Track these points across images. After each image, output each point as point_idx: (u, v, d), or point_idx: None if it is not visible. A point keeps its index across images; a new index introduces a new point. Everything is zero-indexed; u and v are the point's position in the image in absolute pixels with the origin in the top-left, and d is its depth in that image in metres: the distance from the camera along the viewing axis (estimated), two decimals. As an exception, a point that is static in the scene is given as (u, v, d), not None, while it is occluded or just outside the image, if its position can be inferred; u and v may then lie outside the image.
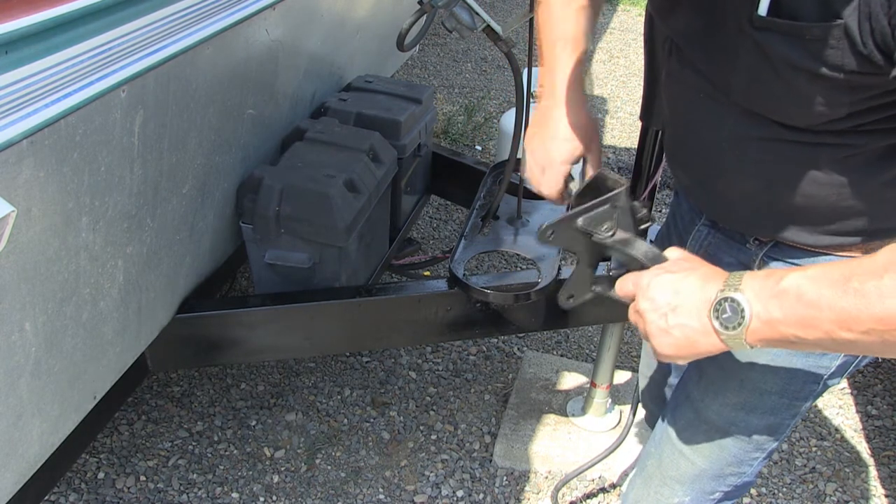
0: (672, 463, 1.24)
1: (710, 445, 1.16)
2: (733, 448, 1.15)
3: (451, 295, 1.74)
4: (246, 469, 2.13)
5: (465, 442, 2.24)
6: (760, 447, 1.16)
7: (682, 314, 0.80)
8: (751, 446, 1.15)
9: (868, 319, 0.67)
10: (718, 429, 1.15)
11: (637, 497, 1.33)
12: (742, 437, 1.14)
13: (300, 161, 1.80)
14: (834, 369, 1.07)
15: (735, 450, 1.16)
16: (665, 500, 1.26)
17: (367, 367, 2.50)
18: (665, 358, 0.83)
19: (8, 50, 0.97)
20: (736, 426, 1.14)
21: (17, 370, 1.14)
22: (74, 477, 2.07)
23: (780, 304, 0.73)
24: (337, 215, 1.68)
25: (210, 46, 1.42)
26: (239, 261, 1.97)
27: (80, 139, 1.12)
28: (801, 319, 0.71)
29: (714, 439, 1.15)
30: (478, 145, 3.88)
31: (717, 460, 1.18)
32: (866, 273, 0.68)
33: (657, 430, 1.29)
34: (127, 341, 1.45)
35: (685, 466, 1.21)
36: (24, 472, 1.25)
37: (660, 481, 1.27)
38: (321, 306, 1.73)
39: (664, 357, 0.83)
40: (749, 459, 1.17)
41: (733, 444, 1.15)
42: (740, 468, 1.18)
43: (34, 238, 1.08)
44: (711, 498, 1.23)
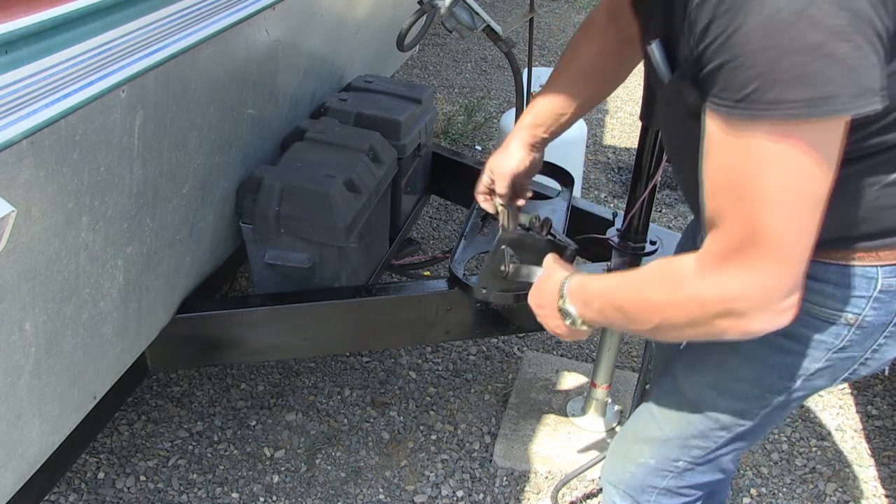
0: (645, 425, 1.30)
1: (679, 416, 1.22)
2: (699, 423, 1.20)
3: (451, 295, 1.74)
4: (246, 469, 2.13)
5: (465, 442, 2.24)
6: (725, 427, 1.19)
7: (547, 313, 1.14)
8: (716, 425, 1.19)
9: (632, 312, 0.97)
10: (689, 402, 1.21)
11: (613, 448, 1.40)
12: (709, 414, 1.19)
13: (300, 161, 1.80)
14: (814, 371, 1.10)
15: (700, 425, 1.21)
16: (633, 457, 1.32)
17: (367, 367, 2.50)
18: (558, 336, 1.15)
19: (8, 50, 0.97)
20: (705, 403, 1.18)
21: (17, 370, 1.14)
22: (74, 477, 2.07)
23: (589, 307, 1.05)
24: (337, 215, 1.68)
25: (210, 46, 1.42)
26: (239, 261, 1.97)
27: (80, 139, 1.12)
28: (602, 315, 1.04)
29: (683, 410, 1.21)
30: (478, 145, 3.89)
31: (683, 431, 1.23)
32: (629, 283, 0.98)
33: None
34: (127, 341, 1.45)
35: (655, 430, 1.27)
36: (24, 472, 1.25)
37: (632, 440, 1.34)
38: (321, 306, 1.73)
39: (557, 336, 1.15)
40: (714, 436, 1.21)
41: (699, 419, 1.20)
42: (705, 442, 1.23)
43: (34, 238, 1.08)
44: (675, 465, 1.28)
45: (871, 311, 1.03)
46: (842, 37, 0.70)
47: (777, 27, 0.71)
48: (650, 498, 1.34)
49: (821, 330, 1.05)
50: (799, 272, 0.82)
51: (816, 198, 0.78)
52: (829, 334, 1.05)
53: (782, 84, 0.72)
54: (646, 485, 1.33)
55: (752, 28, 0.72)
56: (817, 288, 1.02)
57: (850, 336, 1.05)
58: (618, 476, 1.38)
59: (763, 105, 0.73)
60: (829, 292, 1.02)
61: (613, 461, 1.40)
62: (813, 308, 1.04)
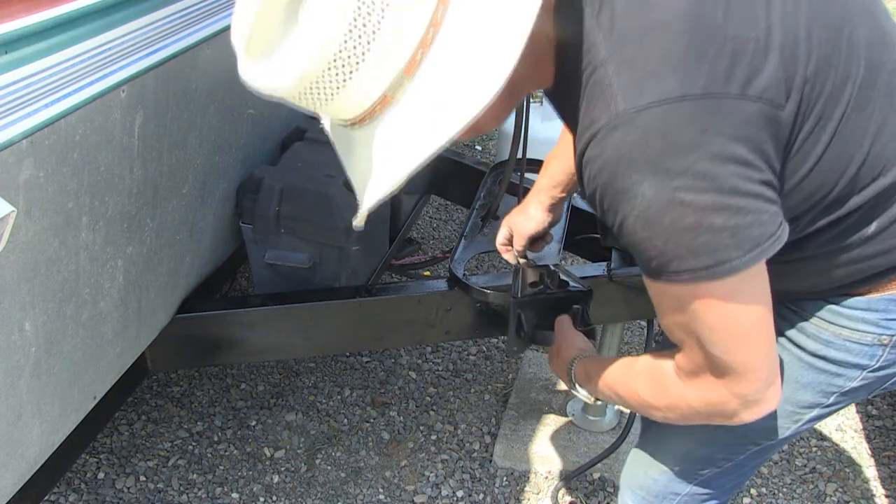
0: (671, 433, 1.29)
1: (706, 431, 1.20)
2: (727, 438, 1.19)
3: (451, 295, 1.74)
4: (246, 469, 2.13)
5: (465, 442, 2.24)
6: (754, 442, 1.19)
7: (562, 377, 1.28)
8: (745, 440, 1.19)
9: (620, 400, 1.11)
10: None
11: (636, 455, 1.40)
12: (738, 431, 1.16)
13: (300, 161, 1.79)
14: (848, 390, 1.09)
15: (728, 439, 1.20)
16: (657, 464, 1.32)
17: (367, 367, 2.50)
18: None
19: (8, 50, 0.97)
20: None
21: (17, 370, 1.14)
22: (74, 477, 2.07)
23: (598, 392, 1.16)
24: (337, 215, 1.68)
25: (210, 46, 1.42)
26: (239, 261, 1.97)
27: (80, 139, 1.12)
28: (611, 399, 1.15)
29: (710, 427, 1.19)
30: (478, 145, 3.89)
31: (710, 444, 1.23)
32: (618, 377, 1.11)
33: None
34: (127, 341, 1.45)
35: (682, 441, 1.27)
36: (24, 472, 1.25)
37: (655, 447, 1.34)
38: (321, 306, 1.73)
39: None
40: (742, 449, 1.21)
41: (728, 435, 1.18)
42: (732, 454, 1.22)
43: (34, 238, 1.08)
44: (700, 474, 1.27)
45: None
46: (713, 211, 0.76)
47: (653, 219, 0.77)
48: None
49: (856, 353, 1.05)
50: (765, 371, 0.88)
51: (756, 321, 0.85)
52: (865, 356, 1.05)
53: (678, 259, 0.79)
54: (668, 491, 1.32)
55: (632, 222, 0.79)
56: (849, 314, 1.03)
57: (885, 356, 1.05)
58: (639, 481, 1.37)
59: (669, 273, 0.81)
60: (860, 317, 1.03)
61: (635, 467, 1.39)
62: (843, 332, 1.04)
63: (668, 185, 0.75)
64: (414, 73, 0.75)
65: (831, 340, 1.05)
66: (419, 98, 0.76)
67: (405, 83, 0.75)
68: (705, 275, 0.79)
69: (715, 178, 0.75)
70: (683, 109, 0.75)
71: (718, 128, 0.75)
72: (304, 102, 0.79)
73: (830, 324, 1.04)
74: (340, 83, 0.74)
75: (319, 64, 0.73)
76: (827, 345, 1.05)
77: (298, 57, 0.73)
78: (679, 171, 0.75)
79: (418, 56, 0.74)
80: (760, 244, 0.79)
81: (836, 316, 1.03)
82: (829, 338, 1.05)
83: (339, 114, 0.80)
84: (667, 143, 0.75)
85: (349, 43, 0.71)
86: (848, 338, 1.04)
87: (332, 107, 0.78)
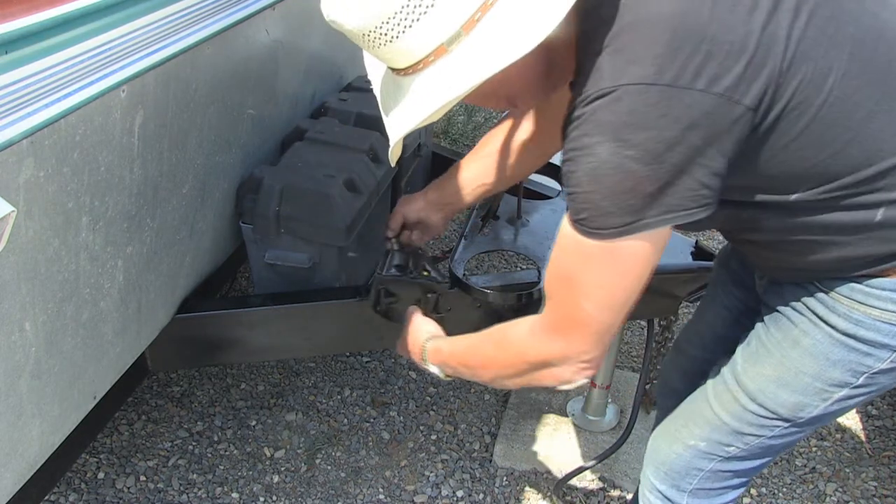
0: (698, 410, 1.32)
1: (736, 404, 1.24)
2: (757, 412, 1.22)
3: (451, 295, 1.74)
4: (246, 469, 2.13)
5: (465, 442, 2.24)
6: (783, 418, 1.22)
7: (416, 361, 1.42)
8: (774, 416, 1.21)
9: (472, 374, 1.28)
10: (748, 392, 1.23)
11: (660, 431, 1.43)
12: (767, 405, 1.21)
13: (300, 161, 1.79)
14: (878, 370, 1.13)
15: (758, 414, 1.23)
16: (682, 438, 1.34)
17: (367, 367, 2.50)
18: None
19: (8, 50, 0.97)
20: (764, 394, 1.21)
21: (17, 370, 1.14)
22: (74, 477, 2.07)
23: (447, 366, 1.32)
24: (337, 215, 1.68)
25: (210, 46, 1.42)
26: (239, 261, 1.97)
27: (80, 139, 1.12)
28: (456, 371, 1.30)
29: (740, 399, 1.24)
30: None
31: (739, 418, 1.25)
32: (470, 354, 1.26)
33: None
34: (127, 341, 1.45)
35: (709, 414, 1.29)
36: (24, 472, 1.25)
37: (683, 422, 1.35)
38: (321, 306, 1.73)
39: None
40: (770, 425, 1.23)
41: (757, 408, 1.22)
42: (760, 431, 1.25)
43: (34, 238, 1.09)
44: (726, 450, 1.29)
45: None
46: (649, 181, 0.90)
47: (600, 177, 0.91)
48: (692, 482, 1.35)
49: (886, 333, 1.09)
50: (601, 342, 1.05)
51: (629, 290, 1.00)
52: (895, 337, 1.09)
53: (605, 216, 0.93)
54: (691, 467, 1.34)
55: (581, 175, 0.93)
56: (878, 294, 1.07)
57: None
58: (662, 457, 1.39)
59: (591, 228, 0.95)
60: (888, 296, 1.07)
61: (659, 442, 1.41)
62: (874, 312, 1.08)
63: (621, 153, 0.89)
64: (471, 30, 0.90)
65: (862, 320, 1.09)
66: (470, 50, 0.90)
67: (462, 37, 0.90)
68: (620, 231, 0.93)
69: (660, 157, 0.88)
70: (651, 93, 0.87)
71: (677, 115, 0.87)
72: (367, 42, 0.94)
73: (861, 304, 1.08)
74: (407, 26, 0.89)
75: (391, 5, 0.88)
76: (857, 324, 1.09)
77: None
78: (633, 144, 0.88)
79: (477, 16, 0.89)
80: (674, 212, 0.92)
81: (866, 296, 1.08)
82: (859, 317, 1.09)
83: (397, 58, 0.94)
84: (630, 118, 0.88)
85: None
86: (878, 318, 1.08)
87: (391, 49, 0.93)
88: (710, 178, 0.92)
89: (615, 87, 0.88)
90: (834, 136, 0.95)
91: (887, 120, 0.96)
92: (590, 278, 1.00)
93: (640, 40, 0.88)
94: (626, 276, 0.99)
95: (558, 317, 1.06)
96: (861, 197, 1.00)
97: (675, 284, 1.76)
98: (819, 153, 0.96)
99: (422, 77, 0.94)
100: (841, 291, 1.09)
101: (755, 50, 0.88)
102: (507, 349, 1.17)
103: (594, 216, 0.94)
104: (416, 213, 1.66)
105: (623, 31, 0.89)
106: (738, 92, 0.88)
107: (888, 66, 0.96)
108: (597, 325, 1.03)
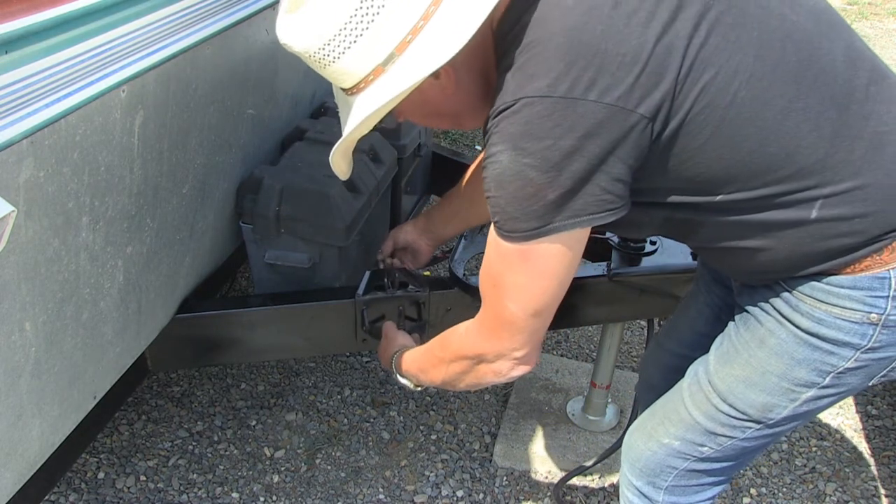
0: (674, 408, 1.33)
1: (708, 404, 1.26)
2: (728, 413, 1.24)
3: (451, 295, 1.74)
4: (246, 469, 2.13)
5: (465, 442, 2.24)
6: (753, 419, 1.23)
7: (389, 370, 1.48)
8: (744, 416, 1.23)
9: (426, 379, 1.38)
10: (719, 392, 1.24)
11: (637, 426, 1.45)
12: (737, 406, 1.23)
13: (300, 161, 1.79)
14: (843, 370, 1.13)
15: (729, 415, 1.24)
16: (657, 436, 1.35)
17: (367, 367, 2.50)
18: None
19: (8, 50, 0.97)
20: (734, 395, 1.22)
21: (17, 370, 1.14)
22: (74, 477, 2.07)
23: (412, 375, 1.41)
24: (337, 215, 1.68)
25: (210, 46, 1.42)
26: (239, 261, 1.97)
27: (80, 139, 1.12)
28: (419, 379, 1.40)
29: (712, 401, 1.25)
30: (478, 145, 3.89)
31: (711, 419, 1.26)
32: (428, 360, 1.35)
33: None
34: (127, 341, 1.45)
35: (683, 413, 1.31)
36: (24, 472, 1.25)
37: (659, 420, 1.37)
38: (321, 306, 1.73)
39: None
40: (741, 426, 1.25)
41: (728, 409, 1.24)
42: (732, 432, 1.26)
43: (34, 238, 1.09)
44: (699, 450, 1.30)
45: (894, 310, 1.07)
46: (549, 188, 0.95)
47: (503, 183, 0.97)
48: (668, 479, 1.36)
49: (846, 331, 1.10)
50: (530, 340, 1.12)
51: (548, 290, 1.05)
52: (855, 335, 1.10)
53: (513, 220, 0.99)
54: (666, 465, 1.35)
55: (489, 181, 0.99)
56: (837, 292, 1.08)
57: (877, 336, 1.09)
58: (637, 454, 1.40)
59: (505, 231, 1.01)
60: (846, 294, 1.08)
61: (636, 437, 1.42)
62: (834, 310, 1.09)
63: (520, 161, 0.95)
64: (404, 51, 0.98)
65: (823, 318, 1.10)
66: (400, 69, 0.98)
67: (395, 58, 0.98)
68: (530, 235, 0.99)
69: (557, 165, 0.94)
70: (545, 105, 0.93)
71: (571, 125, 0.92)
72: (314, 63, 1.03)
73: (822, 302, 1.09)
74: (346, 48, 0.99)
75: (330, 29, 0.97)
76: (819, 322, 1.10)
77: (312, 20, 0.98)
78: (531, 152, 0.94)
79: (408, 38, 0.97)
80: (579, 216, 0.97)
81: (827, 294, 1.09)
82: (821, 315, 1.10)
83: (343, 78, 1.03)
84: (526, 129, 0.94)
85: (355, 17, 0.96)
86: (839, 315, 1.09)
87: (336, 70, 1.02)
88: (612, 183, 0.96)
89: (515, 101, 0.94)
90: (747, 135, 0.98)
91: (803, 117, 0.99)
92: (510, 279, 1.06)
93: (540, 56, 0.94)
94: (543, 278, 1.05)
95: (488, 316, 1.14)
96: (793, 195, 1.02)
97: (675, 284, 1.76)
98: (735, 153, 0.99)
99: (362, 96, 1.03)
100: (803, 290, 1.11)
101: (647, 60, 0.92)
102: (448, 348, 1.26)
103: (504, 220, 1.00)
104: (404, 238, 1.78)
105: (527, 48, 0.95)
106: (632, 101, 0.93)
107: (798, 65, 0.99)
108: (522, 323, 1.09)
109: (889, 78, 1.06)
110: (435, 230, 1.77)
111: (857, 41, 1.07)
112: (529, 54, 0.95)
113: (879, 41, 5.96)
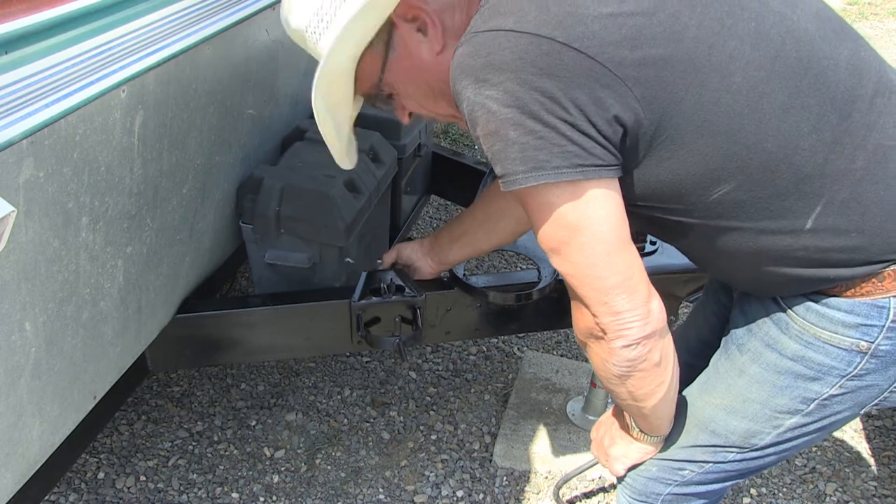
0: None
1: (689, 430, 1.25)
2: (707, 439, 1.23)
3: (451, 295, 1.74)
4: (246, 469, 2.13)
5: (465, 442, 2.24)
6: (734, 445, 1.21)
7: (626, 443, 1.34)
8: (725, 442, 1.22)
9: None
10: (700, 420, 1.24)
11: None
12: (717, 433, 1.21)
13: (300, 161, 1.79)
14: (828, 397, 1.11)
15: (709, 442, 1.23)
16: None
17: (367, 367, 2.50)
18: None
19: (8, 50, 0.97)
20: (715, 422, 1.21)
21: (17, 370, 1.14)
22: (74, 477, 2.07)
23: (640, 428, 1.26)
24: (337, 215, 1.68)
25: (210, 46, 1.42)
26: (239, 261, 1.97)
27: (80, 139, 1.12)
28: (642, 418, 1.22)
29: (693, 426, 1.25)
30: (478, 145, 3.88)
31: (691, 443, 1.26)
32: None
33: None
34: (127, 341, 1.45)
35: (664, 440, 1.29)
36: (24, 472, 1.25)
37: None
38: (321, 306, 1.73)
39: None
40: (722, 451, 1.23)
41: (708, 437, 1.22)
42: (713, 457, 1.25)
43: (34, 238, 1.09)
44: (679, 474, 1.29)
45: (885, 340, 1.04)
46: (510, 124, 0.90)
47: (473, 120, 0.94)
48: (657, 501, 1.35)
49: (834, 356, 1.06)
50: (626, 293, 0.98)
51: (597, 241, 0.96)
52: (841, 361, 1.06)
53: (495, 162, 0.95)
54: (649, 491, 1.34)
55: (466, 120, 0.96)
56: (831, 316, 1.05)
57: (864, 364, 1.06)
58: (626, 479, 1.39)
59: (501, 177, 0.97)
60: (840, 319, 1.04)
61: None
62: (823, 334, 1.06)
63: (483, 93, 0.91)
64: None
65: (812, 342, 1.07)
66: None
67: None
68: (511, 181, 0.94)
69: (519, 99, 0.89)
70: (509, 38, 0.90)
71: (534, 61, 0.88)
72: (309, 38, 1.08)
73: (812, 325, 1.06)
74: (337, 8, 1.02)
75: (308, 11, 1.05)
76: (807, 346, 1.08)
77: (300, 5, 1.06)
78: (493, 84, 0.90)
79: None
80: (543, 168, 0.91)
81: (820, 318, 1.05)
82: (810, 339, 1.07)
83: None
84: (488, 60, 0.90)
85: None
86: (828, 340, 1.06)
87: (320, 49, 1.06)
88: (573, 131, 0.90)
89: (476, 33, 0.92)
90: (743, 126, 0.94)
91: (803, 116, 0.95)
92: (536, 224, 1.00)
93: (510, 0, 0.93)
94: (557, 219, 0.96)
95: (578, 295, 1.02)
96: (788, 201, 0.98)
97: (675, 284, 1.76)
98: (732, 143, 0.94)
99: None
100: (798, 311, 1.08)
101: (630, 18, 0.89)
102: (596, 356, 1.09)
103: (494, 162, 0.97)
104: (408, 255, 1.73)
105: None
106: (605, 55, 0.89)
107: (798, 62, 0.95)
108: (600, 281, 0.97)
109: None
110: (441, 251, 1.69)
111: (866, 51, 1.02)
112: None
113: (879, 41, 5.96)
